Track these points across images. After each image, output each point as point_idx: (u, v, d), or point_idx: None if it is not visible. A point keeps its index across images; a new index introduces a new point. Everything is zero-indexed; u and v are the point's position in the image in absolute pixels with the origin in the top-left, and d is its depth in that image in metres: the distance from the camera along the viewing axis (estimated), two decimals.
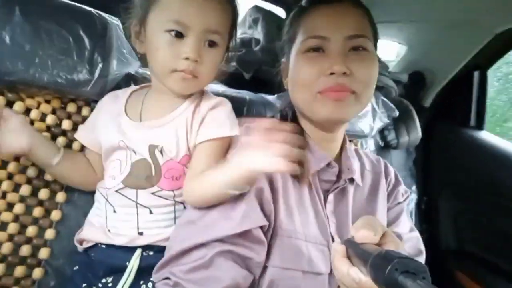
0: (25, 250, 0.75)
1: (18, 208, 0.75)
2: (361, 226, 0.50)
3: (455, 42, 1.34)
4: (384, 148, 1.41)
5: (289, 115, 0.79)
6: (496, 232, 1.29)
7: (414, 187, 1.48)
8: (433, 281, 0.37)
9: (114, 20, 0.80)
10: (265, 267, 0.66)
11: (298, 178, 0.71)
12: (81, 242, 0.76)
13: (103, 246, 0.74)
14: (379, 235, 0.49)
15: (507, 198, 1.24)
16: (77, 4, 0.76)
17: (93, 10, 0.78)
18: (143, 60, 0.92)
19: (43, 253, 0.77)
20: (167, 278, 0.62)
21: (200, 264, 0.60)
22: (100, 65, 0.77)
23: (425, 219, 1.50)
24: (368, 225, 0.50)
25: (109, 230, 0.73)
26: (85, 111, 0.83)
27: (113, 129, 0.74)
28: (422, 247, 0.84)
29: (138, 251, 0.72)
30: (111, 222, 0.73)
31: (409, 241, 0.84)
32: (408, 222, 0.87)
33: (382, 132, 1.38)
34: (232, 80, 0.96)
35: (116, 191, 0.73)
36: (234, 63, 1.31)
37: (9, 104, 0.74)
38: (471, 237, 1.39)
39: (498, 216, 1.29)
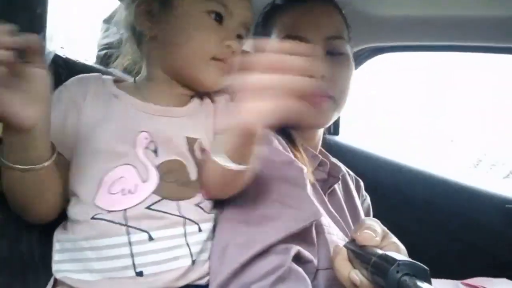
0: None
1: None
2: (362, 229, 0.48)
3: None
4: None
5: None
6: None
7: None
8: None
9: None
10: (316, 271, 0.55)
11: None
12: None
13: None
14: (380, 237, 0.48)
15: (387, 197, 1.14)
16: None
17: None
18: None
19: None
20: None
21: (281, 275, 0.47)
22: None
23: None
24: (369, 228, 0.48)
25: (138, 273, 0.48)
26: None
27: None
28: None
29: None
30: (143, 257, 0.49)
31: None
32: None
33: None
34: None
35: (148, 207, 0.51)
36: None
37: None
38: None
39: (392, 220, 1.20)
